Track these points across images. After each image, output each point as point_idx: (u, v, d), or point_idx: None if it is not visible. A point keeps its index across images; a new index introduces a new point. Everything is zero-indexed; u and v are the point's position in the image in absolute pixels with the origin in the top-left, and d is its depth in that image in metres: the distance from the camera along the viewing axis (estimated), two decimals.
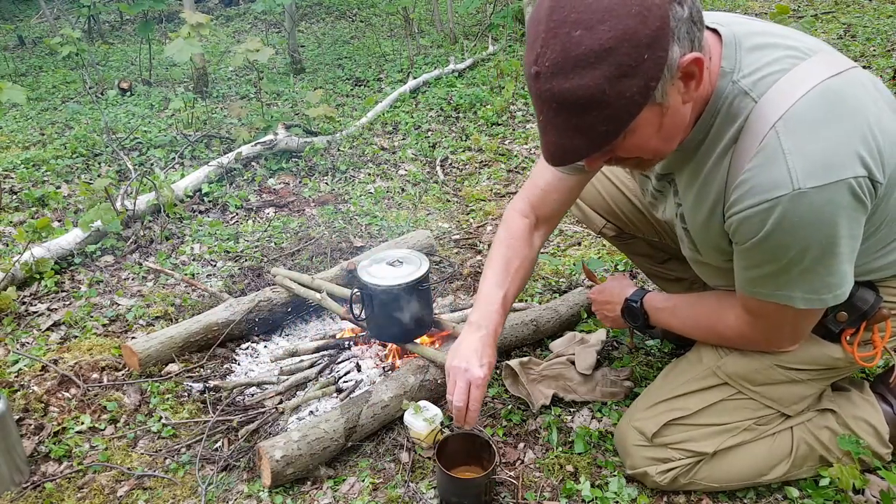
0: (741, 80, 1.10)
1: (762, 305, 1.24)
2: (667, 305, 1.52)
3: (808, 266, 1.11)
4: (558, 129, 1.02)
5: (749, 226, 1.10)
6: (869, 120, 1.06)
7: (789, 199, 1.04)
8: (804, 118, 1.05)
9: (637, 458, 1.46)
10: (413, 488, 1.54)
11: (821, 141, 1.04)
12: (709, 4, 6.40)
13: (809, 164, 1.03)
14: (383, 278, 1.79)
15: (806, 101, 1.05)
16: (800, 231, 1.06)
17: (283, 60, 5.86)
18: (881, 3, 5.81)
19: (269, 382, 1.89)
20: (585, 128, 1.00)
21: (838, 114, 1.05)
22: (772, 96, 1.08)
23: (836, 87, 1.07)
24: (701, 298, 1.45)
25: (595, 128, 0.99)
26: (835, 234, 1.07)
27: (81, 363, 2.01)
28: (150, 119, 4.44)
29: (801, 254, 1.09)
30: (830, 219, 1.05)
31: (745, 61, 1.11)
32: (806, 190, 1.03)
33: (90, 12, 6.15)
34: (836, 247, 1.09)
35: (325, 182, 3.40)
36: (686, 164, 1.24)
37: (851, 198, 1.04)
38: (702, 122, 1.15)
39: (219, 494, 1.56)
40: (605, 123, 0.99)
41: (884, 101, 1.13)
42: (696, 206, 1.25)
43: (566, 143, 1.03)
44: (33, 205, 3.23)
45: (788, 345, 1.32)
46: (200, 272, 2.59)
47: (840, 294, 1.16)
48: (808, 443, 1.42)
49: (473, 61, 5.23)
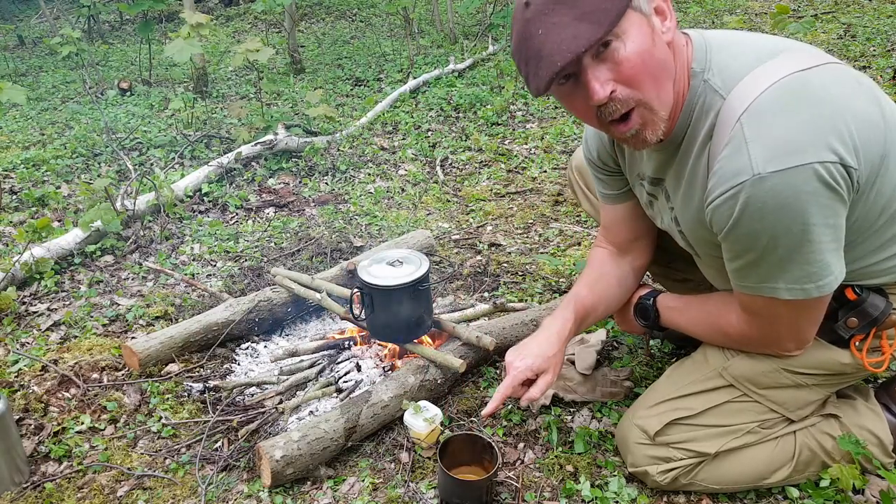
0: (711, 78, 1.16)
1: (753, 300, 1.25)
2: (677, 305, 1.53)
3: (785, 254, 1.12)
4: (560, 26, 1.06)
5: (720, 215, 1.14)
6: (839, 107, 1.07)
7: (751, 185, 1.06)
8: (767, 108, 1.08)
9: (638, 457, 1.46)
10: (413, 488, 1.54)
11: (781, 127, 1.06)
12: (709, 4, 6.40)
13: (769, 150, 1.05)
14: (383, 278, 1.79)
15: (770, 92, 1.09)
16: (766, 217, 1.08)
17: (283, 60, 5.86)
18: (881, 3, 5.81)
19: (269, 382, 1.89)
20: (585, 12, 1.05)
21: (803, 102, 1.07)
22: (739, 91, 1.12)
23: (802, 78, 1.10)
24: (707, 299, 1.46)
25: (595, 9, 1.04)
26: (806, 221, 1.07)
27: (81, 363, 2.01)
28: (150, 119, 4.44)
29: (772, 241, 1.10)
30: (797, 205, 1.06)
31: (714, 61, 1.17)
32: (766, 175, 1.05)
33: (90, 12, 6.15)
34: (811, 234, 1.09)
35: (325, 182, 3.40)
36: (671, 165, 1.29)
37: (819, 184, 1.05)
38: (680, 121, 1.21)
39: (219, 494, 1.56)
40: (603, 2, 1.05)
41: (863, 92, 1.14)
42: (686, 206, 1.28)
43: (570, 34, 1.05)
44: (33, 205, 3.23)
45: (793, 346, 1.31)
46: (200, 272, 2.59)
47: (824, 285, 1.15)
48: (812, 448, 1.42)
49: (473, 61, 5.23)
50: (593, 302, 1.55)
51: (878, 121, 1.11)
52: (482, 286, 2.39)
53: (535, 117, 4.11)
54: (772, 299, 1.20)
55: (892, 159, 1.12)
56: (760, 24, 5.61)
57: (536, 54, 1.08)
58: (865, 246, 1.20)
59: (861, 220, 1.15)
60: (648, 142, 1.18)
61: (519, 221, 2.89)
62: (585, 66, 1.09)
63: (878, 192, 1.13)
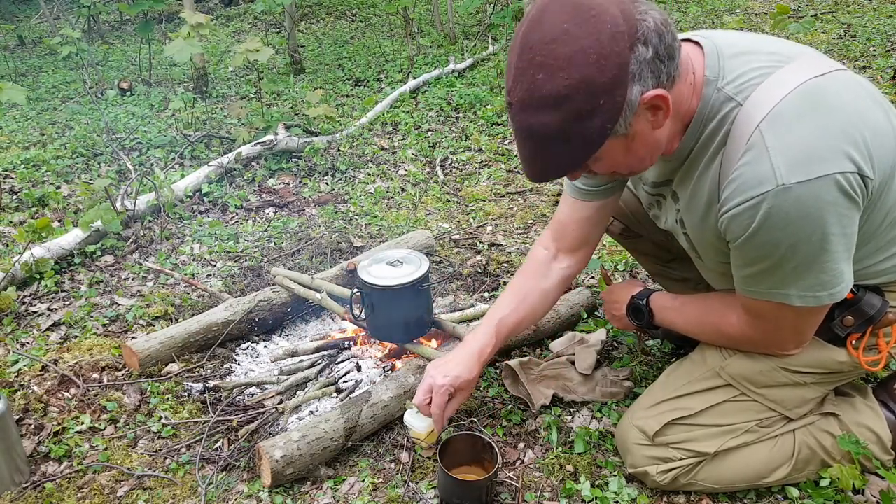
0: (725, 86, 1.15)
1: (760, 305, 1.24)
2: (673, 304, 1.53)
3: (801, 263, 1.12)
4: (531, 153, 1.12)
5: (738, 223, 1.13)
6: (855, 116, 1.08)
7: (774, 195, 1.06)
8: (787, 116, 1.08)
9: (638, 457, 1.46)
10: (413, 488, 1.54)
11: (803, 137, 1.06)
12: (709, 4, 6.40)
13: (792, 160, 1.05)
14: (383, 278, 1.79)
15: (789, 100, 1.08)
16: (788, 227, 1.08)
17: (283, 60, 5.86)
18: (881, 3, 5.81)
19: (269, 382, 1.89)
20: (552, 156, 1.10)
21: (821, 111, 1.07)
22: (756, 98, 1.11)
23: (819, 85, 1.10)
24: (706, 299, 1.46)
25: (561, 157, 1.09)
26: (825, 231, 1.08)
27: (81, 363, 2.01)
28: (150, 119, 4.44)
29: (791, 250, 1.10)
30: (818, 214, 1.06)
31: (727, 68, 1.16)
32: (790, 185, 1.05)
33: (90, 12, 6.14)
34: (828, 244, 1.09)
35: (325, 182, 3.40)
36: (679, 171, 1.28)
37: (840, 193, 1.05)
38: (691, 131, 1.20)
39: (219, 494, 1.56)
40: (569, 155, 1.09)
41: (871, 99, 1.14)
42: (693, 210, 1.28)
43: (538, 166, 1.13)
44: (33, 205, 3.23)
45: (792, 347, 1.32)
46: (200, 272, 2.59)
47: (836, 293, 1.16)
48: (811, 446, 1.42)
49: (473, 61, 5.22)
50: (516, 322, 1.59)
51: (888, 129, 1.12)
52: (482, 286, 2.39)
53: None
54: (781, 305, 1.20)
55: None
56: (760, 24, 5.61)
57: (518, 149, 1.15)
58: (866, 249, 1.21)
59: (867, 226, 1.16)
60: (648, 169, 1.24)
61: (519, 221, 2.89)
62: None
63: (884, 199, 1.14)
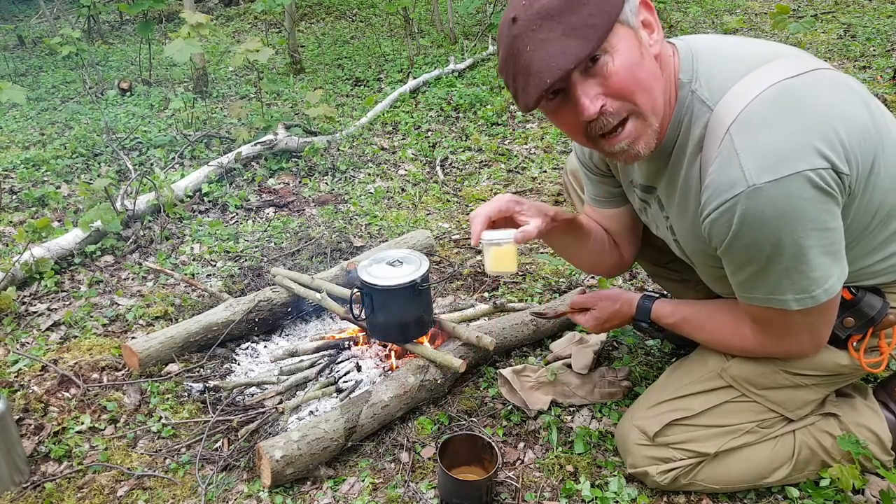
0: (698, 89, 1.16)
1: (763, 312, 1.24)
2: (675, 321, 1.49)
3: (789, 265, 1.12)
4: (548, 42, 1.05)
5: (718, 228, 1.13)
6: (827, 113, 1.07)
7: (746, 196, 1.07)
8: (755, 118, 1.08)
9: (638, 458, 1.46)
10: (413, 488, 1.54)
11: (771, 137, 1.06)
12: (709, 4, 6.40)
13: (761, 161, 1.06)
14: (383, 278, 1.79)
15: (757, 102, 1.09)
16: (765, 226, 1.08)
17: (283, 60, 5.86)
18: (881, 3, 5.81)
19: (269, 382, 1.89)
20: (573, 28, 1.04)
21: (790, 110, 1.08)
22: (726, 101, 1.12)
23: (789, 86, 1.10)
24: (714, 313, 1.42)
25: (583, 25, 1.04)
26: (805, 227, 1.08)
27: (81, 363, 2.01)
28: (149, 119, 4.44)
29: (775, 248, 1.10)
30: (794, 212, 1.06)
31: (700, 70, 1.17)
32: (761, 185, 1.05)
33: (90, 12, 6.15)
34: (810, 239, 1.09)
35: (325, 182, 3.40)
36: (662, 174, 1.29)
37: (814, 189, 1.05)
38: (669, 132, 1.21)
39: (219, 494, 1.56)
40: (591, 17, 1.04)
41: (855, 97, 1.14)
42: (681, 218, 1.29)
43: (558, 50, 1.05)
44: (33, 205, 3.23)
45: (811, 349, 1.31)
46: (200, 272, 2.59)
47: (830, 287, 1.16)
48: (811, 447, 1.42)
49: (473, 61, 5.22)
50: (587, 228, 1.55)
51: (868, 125, 1.11)
52: (482, 286, 2.39)
53: (535, 117, 4.11)
54: (783, 310, 1.20)
55: (882, 163, 1.12)
56: (760, 24, 5.61)
57: (525, 70, 1.08)
58: (860, 249, 1.21)
59: (854, 223, 1.16)
60: (640, 155, 1.17)
61: None
62: (574, 81, 1.08)
63: (869, 196, 1.13)
